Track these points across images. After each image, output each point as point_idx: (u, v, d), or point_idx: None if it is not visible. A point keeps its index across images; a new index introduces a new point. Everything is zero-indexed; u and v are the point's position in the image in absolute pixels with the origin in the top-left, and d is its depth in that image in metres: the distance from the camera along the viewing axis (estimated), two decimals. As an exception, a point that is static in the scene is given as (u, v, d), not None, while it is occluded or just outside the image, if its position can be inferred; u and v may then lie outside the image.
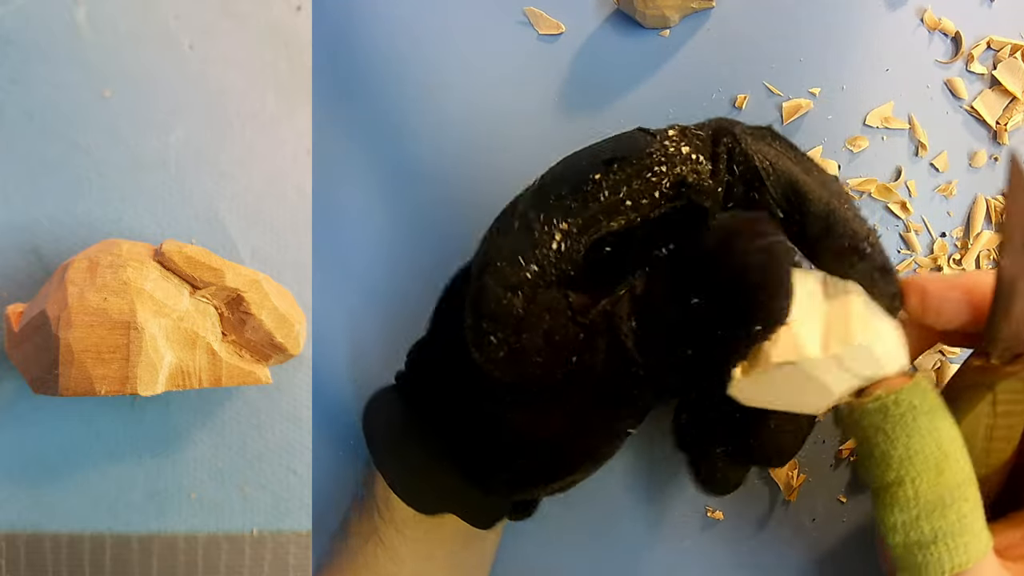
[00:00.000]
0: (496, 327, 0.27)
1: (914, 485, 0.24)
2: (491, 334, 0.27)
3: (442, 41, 0.39)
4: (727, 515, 0.38)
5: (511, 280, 0.26)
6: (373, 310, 0.39)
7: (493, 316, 0.27)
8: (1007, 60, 0.36)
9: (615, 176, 0.26)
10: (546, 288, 0.27)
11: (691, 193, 0.26)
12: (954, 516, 0.24)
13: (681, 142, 0.26)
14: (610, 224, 0.26)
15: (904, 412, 0.25)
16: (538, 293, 0.27)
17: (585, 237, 0.27)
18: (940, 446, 0.24)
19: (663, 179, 0.26)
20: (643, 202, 0.26)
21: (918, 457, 0.24)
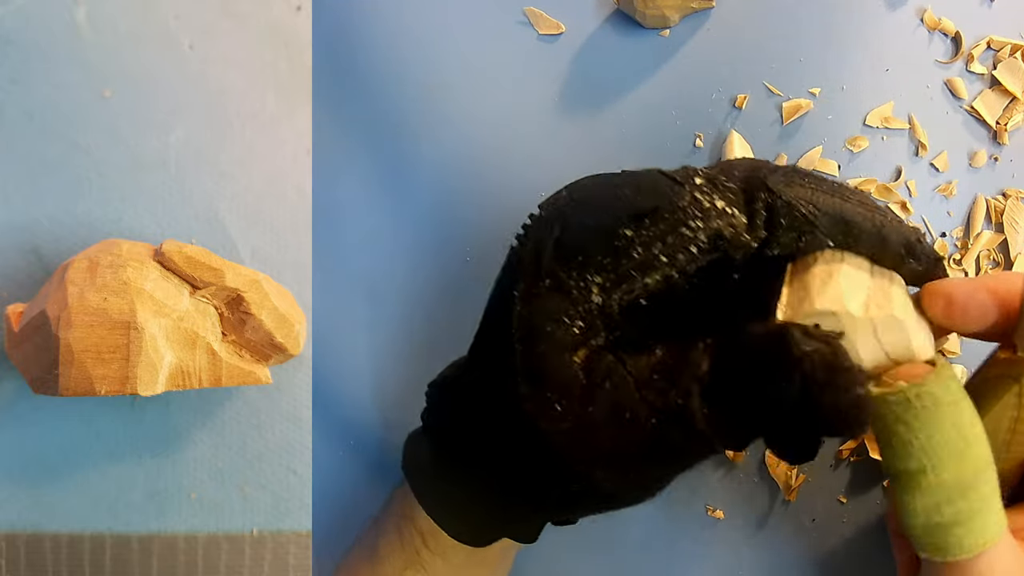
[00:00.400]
0: (559, 395, 0.26)
1: (935, 473, 0.25)
2: (555, 403, 0.26)
3: (442, 41, 0.39)
4: (727, 515, 0.38)
5: (563, 340, 0.26)
6: (373, 310, 0.39)
7: (554, 383, 0.26)
8: (1007, 60, 0.36)
9: (648, 232, 0.26)
10: (599, 351, 0.27)
11: (727, 246, 0.26)
12: (975, 499, 0.25)
13: (714, 194, 0.26)
14: (645, 280, 0.26)
15: (926, 404, 0.25)
16: (593, 361, 0.26)
17: (619, 292, 0.26)
18: (962, 435, 0.25)
19: (698, 233, 0.26)
20: (679, 256, 0.26)
21: (941, 448, 0.25)
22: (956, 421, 0.25)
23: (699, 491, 0.38)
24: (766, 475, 0.37)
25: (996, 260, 0.37)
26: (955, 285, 0.27)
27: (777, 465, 0.37)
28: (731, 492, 0.38)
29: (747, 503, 0.38)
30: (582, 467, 0.27)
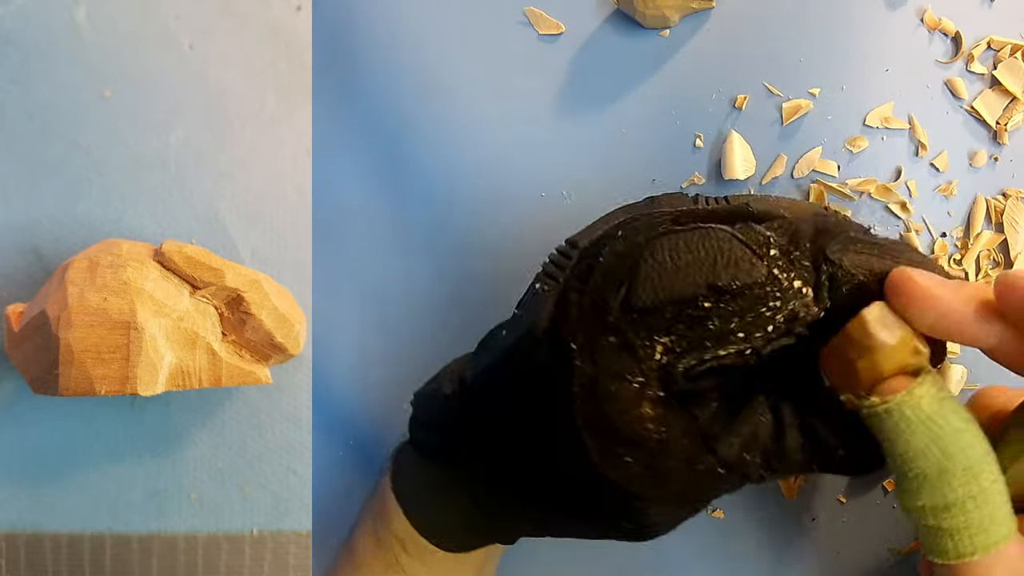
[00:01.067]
0: (631, 449, 0.27)
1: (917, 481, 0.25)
2: (625, 456, 0.27)
3: (442, 41, 0.39)
4: (727, 515, 0.38)
5: (627, 398, 0.27)
6: (373, 310, 0.39)
7: (626, 439, 0.27)
8: (1007, 60, 0.36)
9: (727, 308, 0.26)
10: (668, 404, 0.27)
11: (799, 325, 0.27)
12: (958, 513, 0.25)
13: (791, 272, 0.27)
14: (717, 351, 0.26)
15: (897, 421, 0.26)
16: (665, 415, 0.27)
17: (688, 359, 0.26)
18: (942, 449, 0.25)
19: (776, 315, 0.26)
20: (756, 335, 0.26)
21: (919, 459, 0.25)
22: (932, 438, 0.25)
23: (699, 491, 0.38)
24: (766, 475, 0.38)
25: (996, 260, 0.37)
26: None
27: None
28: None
29: (747, 503, 0.38)
30: (641, 504, 0.28)
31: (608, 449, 0.27)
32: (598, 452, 0.27)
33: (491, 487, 0.32)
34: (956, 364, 0.37)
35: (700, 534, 0.38)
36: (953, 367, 0.37)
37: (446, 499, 0.33)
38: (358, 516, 0.37)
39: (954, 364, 0.37)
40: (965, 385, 0.37)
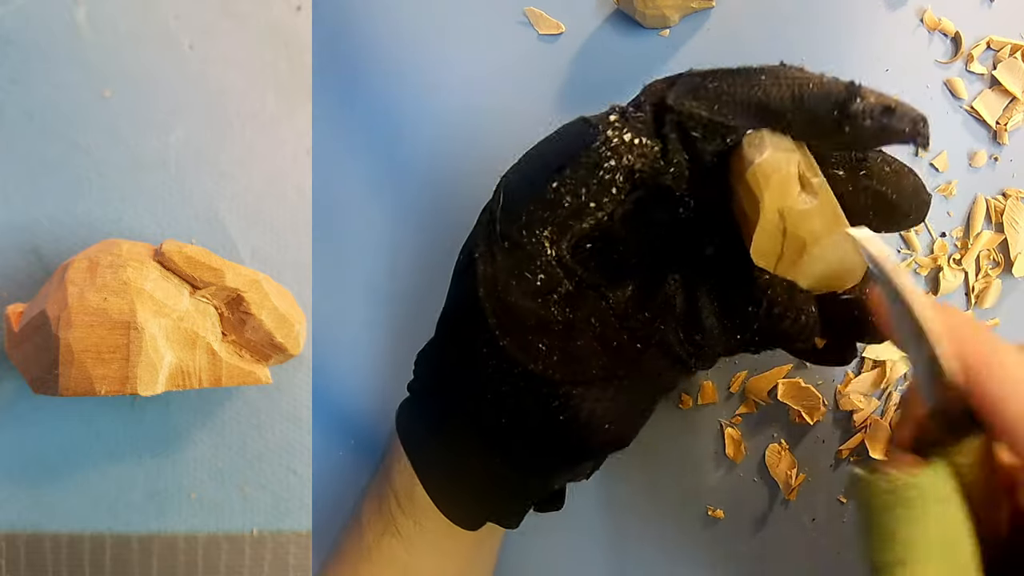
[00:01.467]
0: (541, 335, 0.28)
1: (912, 569, 0.23)
2: (538, 343, 0.28)
3: (442, 41, 0.39)
4: (727, 515, 0.38)
5: (529, 289, 0.28)
6: (373, 310, 0.39)
7: (534, 326, 0.28)
8: (1007, 60, 0.36)
9: (570, 181, 0.27)
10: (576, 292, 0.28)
11: (648, 179, 0.27)
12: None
13: (624, 129, 0.27)
14: (582, 226, 0.28)
15: (914, 497, 0.24)
16: (573, 300, 0.28)
17: (564, 242, 0.28)
18: (946, 536, 0.24)
19: (615, 173, 0.27)
20: (604, 200, 0.27)
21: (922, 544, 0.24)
22: (942, 520, 0.24)
23: (699, 491, 0.38)
24: (766, 475, 0.37)
25: (996, 260, 0.37)
26: None
27: (777, 465, 0.37)
28: (731, 492, 0.38)
29: (747, 503, 0.38)
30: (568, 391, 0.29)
31: (520, 340, 0.28)
32: (512, 345, 0.28)
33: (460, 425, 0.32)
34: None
35: (700, 534, 0.38)
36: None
37: (445, 454, 0.33)
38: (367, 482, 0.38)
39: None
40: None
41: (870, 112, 0.25)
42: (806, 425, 0.37)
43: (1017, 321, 0.37)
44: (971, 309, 0.37)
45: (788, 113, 0.25)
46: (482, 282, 0.29)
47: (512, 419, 0.30)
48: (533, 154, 0.29)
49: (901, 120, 0.25)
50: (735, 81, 0.26)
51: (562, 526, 0.38)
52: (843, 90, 0.25)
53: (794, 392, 0.37)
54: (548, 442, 0.30)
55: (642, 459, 0.38)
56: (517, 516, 0.34)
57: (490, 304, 0.29)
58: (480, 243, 0.29)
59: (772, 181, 0.25)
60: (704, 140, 0.26)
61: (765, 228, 0.26)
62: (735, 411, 0.38)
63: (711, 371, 0.38)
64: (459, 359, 0.31)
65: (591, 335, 0.28)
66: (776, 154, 0.25)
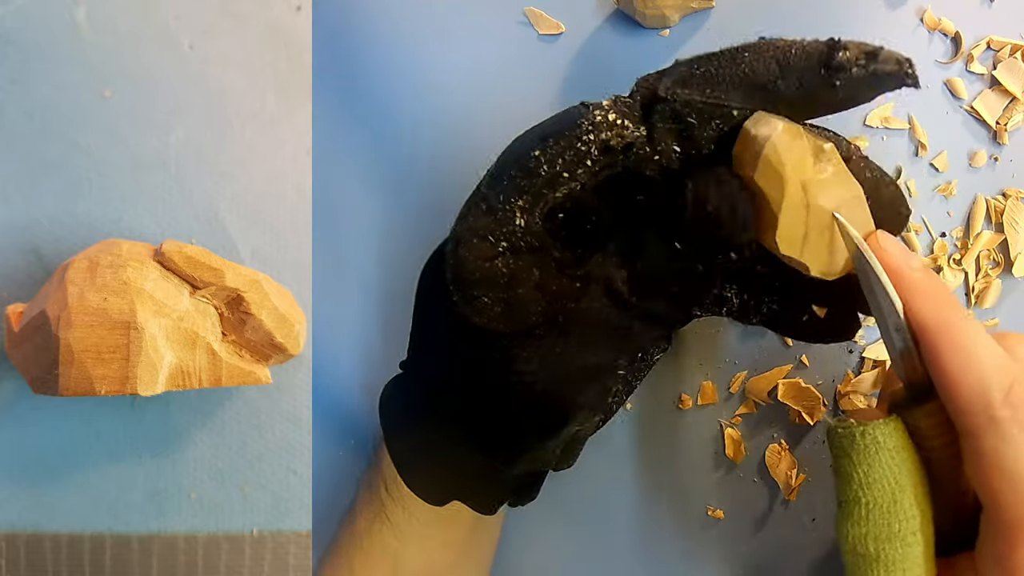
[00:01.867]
0: (486, 290, 0.29)
1: (867, 508, 0.27)
2: (482, 296, 0.29)
3: (442, 41, 0.39)
4: (727, 515, 0.38)
5: (487, 254, 0.29)
6: (373, 310, 0.39)
7: (479, 282, 0.29)
8: (1007, 60, 0.36)
9: (551, 150, 0.28)
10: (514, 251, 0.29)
11: (627, 161, 0.28)
12: (900, 546, 0.27)
13: (609, 111, 0.28)
14: (555, 195, 0.28)
15: (868, 444, 0.27)
16: (521, 256, 0.29)
17: (537, 210, 0.28)
18: (897, 482, 0.27)
19: (591, 147, 0.27)
20: (578, 172, 0.28)
21: (876, 486, 0.27)
22: (893, 468, 0.27)
23: (699, 491, 0.38)
24: (766, 475, 0.37)
25: (996, 260, 0.37)
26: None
27: (777, 465, 0.37)
28: (731, 492, 0.38)
29: (747, 503, 0.38)
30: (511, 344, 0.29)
31: (468, 295, 0.29)
32: (461, 300, 0.29)
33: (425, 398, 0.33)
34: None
35: (700, 534, 0.38)
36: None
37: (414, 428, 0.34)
38: None
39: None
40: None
41: (855, 60, 0.25)
42: (806, 425, 0.37)
43: (1017, 321, 0.37)
44: (971, 309, 0.37)
45: (777, 80, 0.26)
46: (450, 240, 0.30)
47: (465, 385, 0.31)
48: (525, 131, 0.30)
49: (887, 62, 0.25)
50: (721, 62, 0.27)
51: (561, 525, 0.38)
52: (824, 46, 0.26)
53: (794, 392, 0.37)
54: (499, 409, 0.31)
55: (642, 459, 0.38)
56: (488, 501, 0.34)
57: (451, 260, 0.29)
58: (464, 206, 0.30)
59: (792, 153, 0.25)
60: (699, 127, 0.27)
61: (790, 205, 0.26)
62: (735, 411, 0.38)
63: (711, 371, 0.38)
64: (425, 325, 0.32)
65: (532, 284, 0.29)
66: (789, 126, 0.26)
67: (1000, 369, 0.25)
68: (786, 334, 0.32)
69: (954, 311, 0.26)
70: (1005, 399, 0.25)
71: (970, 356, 0.25)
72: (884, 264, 0.26)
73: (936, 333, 0.26)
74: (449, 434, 0.33)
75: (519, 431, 0.31)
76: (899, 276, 0.27)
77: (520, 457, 0.32)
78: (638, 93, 0.28)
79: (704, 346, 0.38)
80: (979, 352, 0.25)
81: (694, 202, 0.27)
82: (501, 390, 0.30)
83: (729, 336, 0.38)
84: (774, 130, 0.25)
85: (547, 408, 0.30)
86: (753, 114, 0.26)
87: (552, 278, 0.29)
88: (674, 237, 0.28)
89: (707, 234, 0.27)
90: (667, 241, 0.28)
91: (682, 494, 0.38)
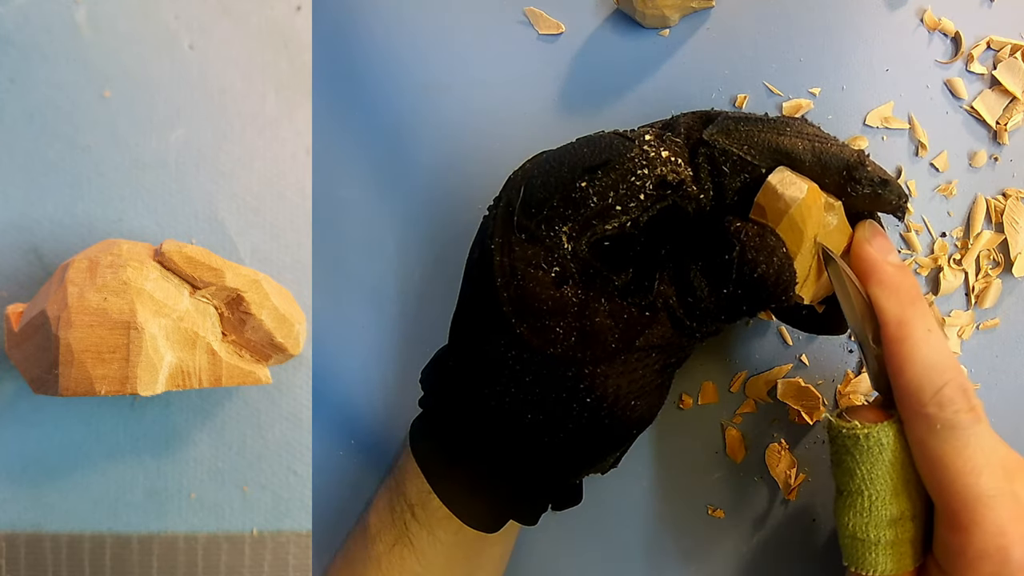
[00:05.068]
0: (557, 319, 0.29)
1: (870, 499, 0.29)
2: (555, 327, 0.29)
3: (442, 41, 0.39)
4: (727, 515, 0.38)
5: (545, 279, 0.29)
6: (373, 310, 0.39)
7: (549, 312, 0.29)
8: (1007, 60, 0.36)
9: (600, 183, 0.28)
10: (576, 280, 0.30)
11: (675, 196, 0.29)
12: (898, 530, 0.29)
13: (660, 147, 0.29)
14: (604, 227, 0.29)
15: (871, 446, 0.29)
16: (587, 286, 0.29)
17: (584, 239, 0.29)
18: (897, 479, 0.29)
19: (646, 181, 0.28)
20: (631, 205, 0.29)
21: (878, 481, 0.29)
22: (896, 465, 0.29)
23: (699, 491, 0.38)
24: (766, 475, 0.37)
25: (996, 260, 0.37)
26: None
27: (777, 465, 0.37)
28: (731, 492, 0.38)
29: (747, 503, 0.38)
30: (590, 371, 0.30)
31: (536, 326, 0.29)
32: (529, 332, 0.29)
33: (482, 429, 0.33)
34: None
35: (700, 534, 0.38)
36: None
37: (459, 462, 0.34)
38: (375, 492, 0.38)
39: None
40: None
41: (870, 179, 0.29)
42: (806, 425, 0.37)
43: (1017, 321, 0.37)
44: (971, 309, 0.37)
45: (806, 163, 0.28)
46: (499, 271, 0.30)
47: (536, 412, 0.31)
48: (557, 155, 0.30)
49: (891, 193, 0.29)
50: (764, 127, 0.29)
51: (562, 526, 0.38)
52: (855, 155, 0.29)
53: (794, 392, 0.37)
54: (577, 430, 0.31)
55: (642, 459, 0.38)
56: (535, 512, 0.35)
57: (506, 292, 0.30)
58: (496, 236, 0.30)
59: (812, 212, 0.28)
60: (730, 176, 0.29)
61: (804, 255, 0.29)
62: (735, 411, 0.38)
63: (711, 371, 0.38)
64: (475, 357, 0.32)
65: (603, 313, 0.29)
66: (812, 189, 0.28)
67: (938, 369, 0.27)
68: (787, 323, 0.34)
69: (914, 308, 0.28)
70: (934, 397, 0.27)
71: (915, 352, 0.28)
72: (863, 254, 0.29)
73: (894, 326, 0.28)
74: (509, 462, 0.33)
75: (593, 448, 0.32)
76: (874, 267, 0.29)
77: (587, 470, 0.33)
78: (681, 129, 0.30)
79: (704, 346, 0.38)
80: (923, 349, 0.28)
81: (741, 262, 0.28)
82: (582, 412, 0.30)
83: (729, 336, 0.38)
84: (801, 192, 0.28)
85: (626, 424, 0.31)
86: (776, 168, 0.29)
87: (621, 308, 0.29)
88: (721, 284, 0.29)
89: (752, 292, 0.28)
90: (714, 285, 0.29)
91: (682, 494, 0.38)
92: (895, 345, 0.28)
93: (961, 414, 0.27)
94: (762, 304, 0.29)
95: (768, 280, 0.28)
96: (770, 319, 0.37)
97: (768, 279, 0.28)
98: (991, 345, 0.37)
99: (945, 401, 0.27)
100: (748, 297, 0.29)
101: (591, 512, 0.38)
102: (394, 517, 0.35)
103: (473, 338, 0.32)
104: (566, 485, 0.35)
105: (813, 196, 0.28)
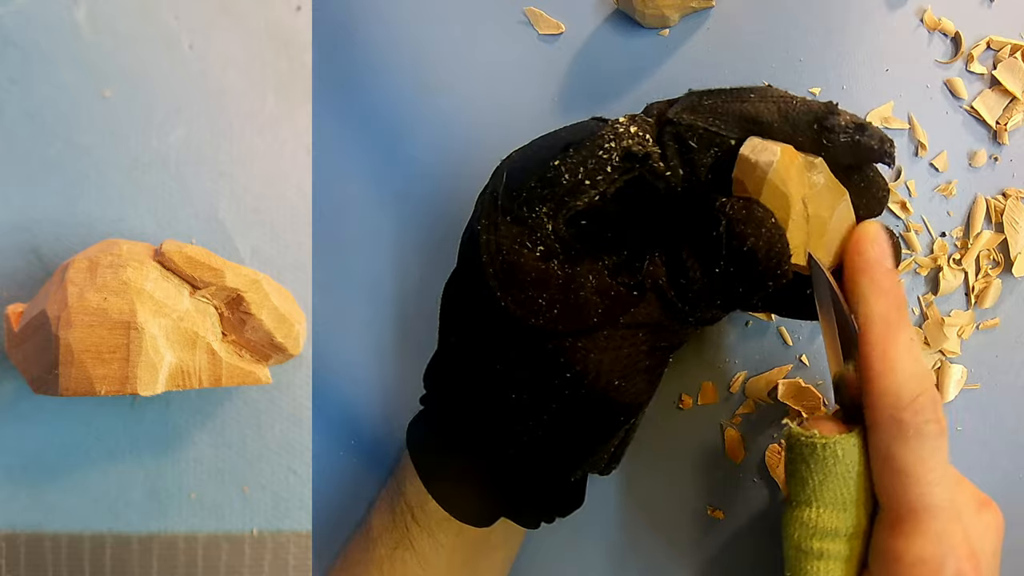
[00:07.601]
0: (540, 290, 0.29)
1: (817, 511, 0.29)
2: (538, 298, 0.29)
3: (442, 41, 0.39)
4: (727, 515, 0.38)
5: (530, 255, 0.30)
6: (373, 309, 0.39)
7: (534, 283, 0.29)
8: (1007, 60, 0.36)
9: (572, 160, 0.29)
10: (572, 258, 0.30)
11: (642, 170, 0.29)
12: (836, 551, 0.29)
13: (630, 124, 0.29)
14: (576, 203, 0.30)
15: (827, 456, 0.29)
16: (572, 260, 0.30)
17: (560, 217, 0.30)
18: (849, 494, 0.29)
19: (612, 154, 0.29)
20: (599, 179, 0.29)
21: (828, 495, 0.29)
22: (848, 480, 0.29)
23: (699, 491, 0.38)
24: (766, 475, 0.37)
25: (996, 260, 0.37)
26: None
27: (777, 466, 0.37)
28: (731, 492, 0.38)
29: (747, 503, 0.38)
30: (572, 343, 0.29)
31: (520, 297, 0.30)
32: (513, 303, 0.30)
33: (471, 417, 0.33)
34: (956, 364, 0.37)
35: (700, 534, 0.38)
36: (953, 367, 0.37)
37: (452, 456, 0.34)
38: (376, 494, 0.38)
39: (954, 364, 0.37)
40: (965, 385, 0.37)
41: (844, 127, 0.28)
42: (806, 425, 0.37)
43: (1017, 321, 0.37)
44: (971, 309, 0.37)
45: (775, 124, 0.28)
46: (484, 249, 0.30)
47: (520, 391, 0.31)
48: (538, 141, 0.31)
49: (871, 137, 0.28)
50: (728, 98, 0.29)
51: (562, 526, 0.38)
52: (823, 107, 0.28)
53: (794, 392, 0.37)
54: (560, 411, 0.30)
55: (642, 459, 0.38)
56: (535, 515, 0.35)
57: (492, 268, 0.30)
58: (483, 218, 0.31)
59: (791, 174, 0.28)
60: (699, 151, 0.29)
61: (795, 220, 0.28)
62: (735, 411, 0.38)
63: (711, 372, 0.38)
64: (463, 339, 0.32)
65: (590, 289, 0.29)
66: (785, 148, 0.28)
67: (916, 378, 0.28)
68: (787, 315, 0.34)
69: (900, 314, 0.28)
70: (910, 404, 0.27)
71: (897, 360, 0.28)
72: (863, 250, 0.29)
73: (881, 326, 0.28)
74: (499, 451, 0.33)
75: (580, 433, 0.31)
76: (870, 264, 0.29)
77: (579, 462, 0.33)
78: (653, 111, 0.30)
79: (704, 346, 0.38)
80: (904, 358, 0.28)
81: (729, 236, 0.28)
82: (561, 391, 0.30)
83: (729, 336, 0.38)
84: (774, 155, 0.27)
85: (611, 406, 0.30)
86: (746, 140, 0.28)
87: (609, 285, 0.29)
88: (712, 263, 0.28)
89: (745, 268, 0.28)
90: (705, 265, 0.29)
91: (682, 494, 0.38)
92: (880, 347, 0.28)
93: (931, 424, 0.27)
94: (757, 280, 0.28)
95: (759, 252, 0.28)
96: (770, 320, 0.37)
97: (759, 251, 0.28)
98: (991, 345, 0.37)
99: (919, 409, 0.27)
100: (741, 274, 0.28)
101: (591, 512, 0.38)
102: (395, 519, 0.35)
103: (461, 318, 0.33)
104: (564, 483, 0.35)
105: (789, 156, 0.28)
